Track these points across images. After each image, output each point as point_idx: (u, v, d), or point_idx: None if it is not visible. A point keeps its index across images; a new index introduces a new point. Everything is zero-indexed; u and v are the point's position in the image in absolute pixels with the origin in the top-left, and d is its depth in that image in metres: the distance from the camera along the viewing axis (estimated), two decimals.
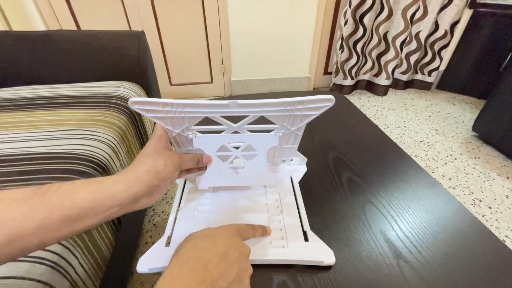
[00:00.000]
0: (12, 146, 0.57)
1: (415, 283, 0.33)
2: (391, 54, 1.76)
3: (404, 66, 1.91)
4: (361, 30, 1.69)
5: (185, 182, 0.46)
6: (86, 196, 0.26)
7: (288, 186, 0.45)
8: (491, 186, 1.15)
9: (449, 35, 1.75)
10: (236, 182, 0.41)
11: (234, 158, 0.40)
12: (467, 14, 1.73)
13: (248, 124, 0.37)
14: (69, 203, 0.25)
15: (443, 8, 1.69)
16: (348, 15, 1.62)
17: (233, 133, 0.38)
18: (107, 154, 0.61)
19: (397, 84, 2.00)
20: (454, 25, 1.72)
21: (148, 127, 0.93)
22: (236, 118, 0.35)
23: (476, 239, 0.38)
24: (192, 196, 0.43)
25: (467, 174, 1.21)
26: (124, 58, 0.90)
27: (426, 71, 1.93)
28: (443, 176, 1.21)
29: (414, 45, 1.82)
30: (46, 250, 0.39)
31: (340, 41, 1.72)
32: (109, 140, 0.64)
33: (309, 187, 0.46)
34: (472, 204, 1.06)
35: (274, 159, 0.46)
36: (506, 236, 0.94)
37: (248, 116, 0.36)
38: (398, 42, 1.71)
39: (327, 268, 0.34)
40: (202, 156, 0.38)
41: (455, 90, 1.96)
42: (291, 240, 0.36)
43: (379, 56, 1.82)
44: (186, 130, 0.36)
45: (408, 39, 1.76)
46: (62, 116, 0.68)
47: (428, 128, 1.56)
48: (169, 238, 0.37)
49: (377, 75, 1.89)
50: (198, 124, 0.36)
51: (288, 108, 0.33)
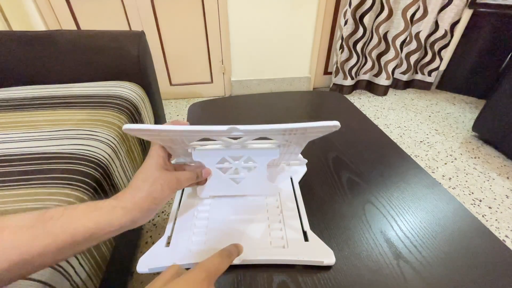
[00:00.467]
0: (12, 146, 0.57)
1: (415, 283, 0.33)
2: (391, 54, 1.76)
3: (404, 66, 1.91)
4: (361, 30, 1.69)
5: None
6: (87, 224, 0.27)
7: (288, 186, 0.45)
8: (491, 186, 1.15)
9: (449, 35, 1.75)
10: (236, 192, 0.42)
11: (235, 169, 0.40)
12: (467, 14, 1.73)
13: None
14: (71, 230, 0.26)
15: (443, 8, 1.69)
16: (348, 15, 1.62)
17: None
18: (107, 154, 0.61)
19: (397, 84, 2.00)
20: (454, 25, 1.72)
21: None
22: None
23: (476, 239, 0.38)
24: (192, 196, 0.43)
25: (467, 174, 1.21)
26: (124, 58, 0.90)
27: (426, 71, 1.93)
28: (443, 176, 1.21)
29: (414, 45, 1.82)
30: None
31: (340, 41, 1.72)
32: (109, 140, 0.64)
33: (309, 187, 0.46)
34: (472, 204, 1.06)
35: (274, 161, 0.46)
36: (506, 236, 0.94)
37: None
38: (398, 42, 1.71)
39: (327, 268, 0.34)
40: (201, 171, 0.38)
41: (455, 90, 1.96)
42: (291, 240, 0.36)
43: (379, 56, 1.82)
44: (184, 146, 0.37)
45: (408, 39, 1.76)
46: (62, 116, 0.68)
47: (428, 128, 1.56)
48: (169, 238, 0.37)
49: (377, 75, 1.89)
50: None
51: (290, 134, 0.33)
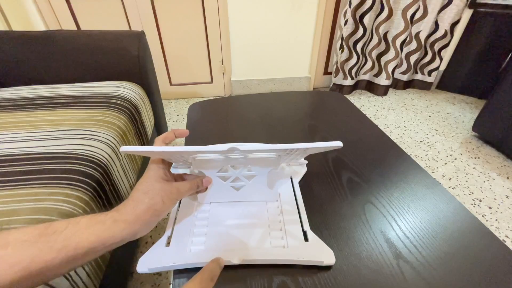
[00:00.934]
0: (12, 146, 0.57)
1: (415, 283, 0.33)
2: (391, 54, 1.76)
3: (404, 66, 1.91)
4: (361, 30, 1.69)
5: None
6: (89, 238, 0.27)
7: (288, 187, 0.45)
8: (491, 186, 1.15)
9: (449, 35, 1.75)
10: (236, 199, 0.42)
11: (235, 178, 0.40)
12: (467, 14, 1.73)
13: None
14: (73, 245, 0.26)
15: (443, 8, 1.69)
16: (348, 15, 1.62)
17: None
18: (107, 154, 0.61)
19: (397, 84, 2.00)
20: (454, 25, 1.72)
21: (148, 127, 0.93)
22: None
23: (476, 239, 0.38)
24: (193, 196, 0.43)
25: (467, 174, 1.21)
26: (124, 58, 0.90)
27: (426, 71, 1.93)
28: (443, 176, 1.21)
29: (414, 45, 1.82)
30: None
31: (340, 41, 1.72)
32: (109, 140, 0.64)
33: (309, 187, 0.46)
34: (472, 204, 1.06)
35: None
36: (506, 236, 0.94)
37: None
38: (398, 42, 1.71)
39: (327, 268, 0.34)
40: (201, 180, 0.39)
41: (455, 90, 1.96)
42: (291, 240, 0.36)
43: (379, 56, 1.82)
44: (184, 157, 0.37)
45: (408, 39, 1.76)
46: (62, 116, 0.68)
47: (428, 128, 1.56)
48: (169, 238, 0.37)
49: (377, 75, 1.89)
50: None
51: (291, 153, 0.34)
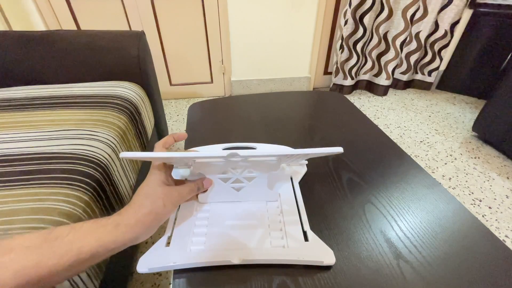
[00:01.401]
0: (12, 146, 0.57)
1: (415, 283, 0.33)
2: (391, 54, 1.76)
3: (404, 66, 1.91)
4: (361, 30, 1.69)
5: None
6: (92, 242, 0.28)
7: (288, 187, 0.45)
8: (491, 186, 1.15)
9: (449, 35, 1.75)
10: (237, 199, 0.42)
11: (235, 179, 0.41)
12: (467, 14, 1.73)
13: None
14: (76, 250, 0.27)
15: (443, 8, 1.69)
16: (348, 15, 1.62)
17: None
18: (107, 154, 0.61)
19: (397, 84, 2.00)
20: (454, 25, 1.72)
21: (148, 127, 0.93)
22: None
23: (476, 239, 0.38)
24: (193, 196, 0.44)
25: (467, 174, 1.21)
26: (124, 58, 0.90)
27: (426, 71, 1.93)
28: (443, 176, 1.21)
29: (414, 45, 1.82)
30: None
31: (340, 41, 1.72)
32: (109, 140, 0.64)
33: (309, 187, 0.46)
34: (472, 204, 1.06)
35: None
36: (506, 236, 0.94)
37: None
38: (398, 42, 1.71)
39: (327, 268, 0.34)
40: (202, 182, 0.39)
41: (455, 90, 1.96)
42: (291, 240, 0.36)
43: (379, 56, 1.82)
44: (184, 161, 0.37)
45: (408, 39, 1.76)
46: (62, 116, 0.68)
47: (428, 128, 1.56)
48: (169, 238, 0.37)
49: (377, 75, 1.89)
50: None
51: (292, 157, 0.34)
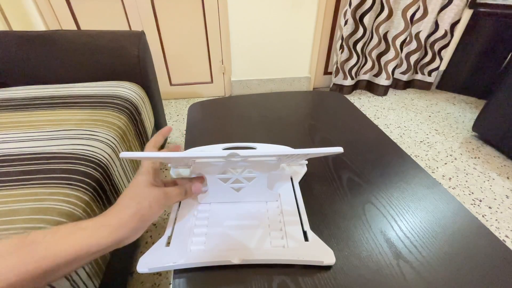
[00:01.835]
0: (12, 146, 0.57)
1: (415, 283, 0.33)
2: (391, 54, 1.76)
3: (404, 66, 1.91)
4: (361, 30, 1.69)
5: None
6: (70, 247, 0.26)
7: (288, 187, 0.45)
8: (491, 186, 1.15)
9: (449, 35, 1.75)
10: (236, 199, 0.42)
11: (235, 179, 0.41)
12: (467, 14, 1.73)
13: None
14: (53, 255, 0.25)
15: (443, 8, 1.69)
16: (348, 15, 1.62)
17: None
18: (107, 154, 0.61)
19: (397, 84, 2.00)
20: (454, 25, 1.72)
21: (148, 127, 0.93)
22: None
23: (476, 239, 0.38)
24: (193, 196, 0.43)
25: (467, 174, 1.21)
26: (124, 58, 0.90)
27: (426, 71, 1.93)
28: (443, 176, 1.21)
29: (414, 45, 1.82)
30: None
31: (340, 41, 1.72)
32: (109, 140, 0.64)
33: (309, 187, 0.46)
34: (472, 204, 1.06)
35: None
36: (506, 236, 0.94)
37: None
38: (398, 42, 1.71)
39: (327, 268, 0.34)
40: (190, 186, 0.38)
41: (455, 90, 1.96)
42: (291, 240, 0.36)
43: (379, 56, 1.82)
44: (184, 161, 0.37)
45: (408, 39, 1.76)
46: (62, 116, 0.68)
47: (428, 128, 1.56)
48: (169, 238, 0.37)
49: (377, 75, 1.89)
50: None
51: (292, 157, 0.34)
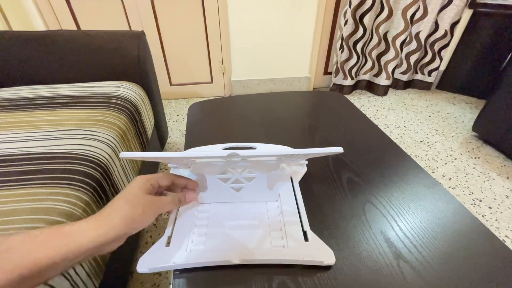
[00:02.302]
0: (12, 146, 0.57)
1: (415, 283, 0.33)
2: (391, 54, 1.76)
3: (404, 66, 1.91)
4: (361, 30, 1.69)
5: None
6: (47, 253, 0.25)
7: (288, 187, 0.45)
8: (491, 186, 1.15)
9: (449, 35, 1.75)
10: (236, 199, 0.42)
11: (235, 179, 0.41)
12: (467, 14, 1.73)
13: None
14: (30, 262, 0.24)
15: (443, 8, 1.69)
16: (348, 15, 1.62)
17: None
18: (107, 154, 0.61)
19: (397, 84, 2.00)
20: (454, 25, 1.72)
21: (148, 127, 0.93)
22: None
23: (476, 239, 0.38)
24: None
25: (467, 174, 1.21)
26: (124, 58, 0.90)
27: (426, 71, 1.93)
28: (443, 176, 1.21)
29: (414, 45, 1.82)
30: None
31: (340, 41, 1.72)
32: (109, 140, 0.64)
33: (309, 187, 0.46)
34: (472, 204, 1.06)
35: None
36: (506, 236, 0.94)
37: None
38: (398, 42, 1.71)
39: (327, 268, 0.34)
40: (184, 196, 0.38)
41: (455, 90, 1.96)
42: (291, 240, 0.36)
43: (379, 56, 1.82)
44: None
45: (408, 39, 1.76)
46: (62, 116, 0.68)
47: (428, 128, 1.56)
48: (169, 238, 0.37)
49: (377, 75, 1.89)
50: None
51: (292, 157, 0.34)
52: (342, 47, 1.72)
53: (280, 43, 1.74)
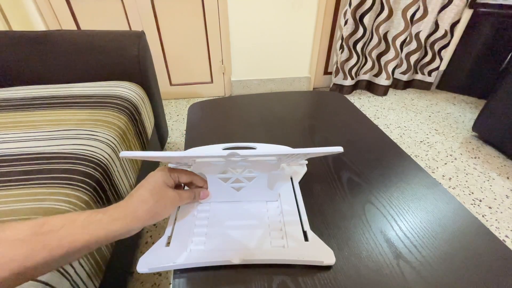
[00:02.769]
0: (12, 146, 0.57)
1: (415, 283, 0.33)
2: (391, 54, 1.76)
3: (404, 66, 1.91)
4: (361, 30, 1.69)
5: None
6: (84, 237, 0.27)
7: (288, 187, 0.45)
8: (491, 186, 1.15)
9: (449, 35, 1.75)
10: (236, 199, 0.42)
11: (235, 179, 0.41)
12: (467, 14, 1.73)
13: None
14: (68, 244, 0.26)
15: (443, 8, 1.69)
16: (348, 15, 1.62)
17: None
18: (107, 154, 0.61)
19: (397, 84, 2.00)
20: (454, 25, 1.72)
21: (148, 127, 0.93)
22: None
23: (476, 239, 0.38)
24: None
25: (467, 174, 1.21)
26: (124, 58, 0.90)
27: (426, 71, 1.93)
28: (443, 176, 1.21)
29: (414, 45, 1.82)
30: None
31: (340, 41, 1.72)
32: (109, 140, 0.64)
33: (309, 187, 0.46)
34: (472, 204, 1.06)
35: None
36: (506, 236, 0.94)
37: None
38: (398, 42, 1.71)
39: (327, 268, 0.34)
40: (199, 192, 0.40)
41: (455, 90, 1.96)
42: (291, 240, 0.36)
43: (379, 56, 1.82)
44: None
45: (408, 39, 1.76)
46: (62, 116, 0.68)
47: (428, 128, 1.56)
48: (169, 238, 0.37)
49: (377, 75, 1.89)
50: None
51: (291, 157, 0.34)
52: (342, 47, 1.72)
53: (280, 43, 1.74)
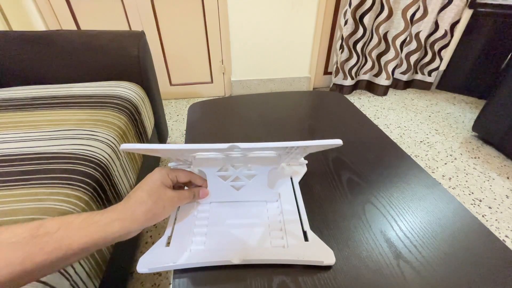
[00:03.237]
0: (12, 146, 0.57)
1: (415, 283, 0.33)
2: (391, 54, 1.76)
3: (404, 66, 1.91)
4: (361, 30, 1.69)
5: None
6: (81, 239, 0.27)
7: (288, 187, 0.45)
8: (491, 186, 1.15)
9: (449, 35, 1.75)
10: (236, 198, 0.42)
11: (235, 177, 0.40)
12: (467, 14, 1.73)
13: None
14: (65, 247, 0.26)
15: (443, 8, 1.69)
16: (348, 15, 1.62)
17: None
18: (107, 154, 0.61)
19: (397, 84, 2.00)
20: (454, 25, 1.72)
21: (148, 127, 0.93)
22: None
23: (476, 239, 0.38)
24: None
25: (467, 174, 1.21)
26: (124, 58, 0.90)
27: (426, 71, 1.93)
28: (443, 176, 1.21)
29: (414, 45, 1.82)
30: None
31: (340, 41, 1.72)
32: (109, 140, 0.64)
33: (309, 187, 0.46)
34: (472, 204, 1.06)
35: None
36: (506, 236, 0.94)
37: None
38: (398, 42, 1.71)
39: (327, 268, 0.34)
40: (198, 191, 0.40)
41: (455, 90, 1.96)
42: (291, 240, 0.36)
43: (379, 56, 1.82)
44: (184, 156, 0.37)
45: (408, 39, 1.76)
46: (62, 116, 0.68)
47: (428, 128, 1.56)
48: (169, 238, 0.37)
49: (377, 75, 1.89)
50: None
51: (291, 151, 0.34)
52: (342, 47, 1.72)
53: (280, 43, 1.74)
